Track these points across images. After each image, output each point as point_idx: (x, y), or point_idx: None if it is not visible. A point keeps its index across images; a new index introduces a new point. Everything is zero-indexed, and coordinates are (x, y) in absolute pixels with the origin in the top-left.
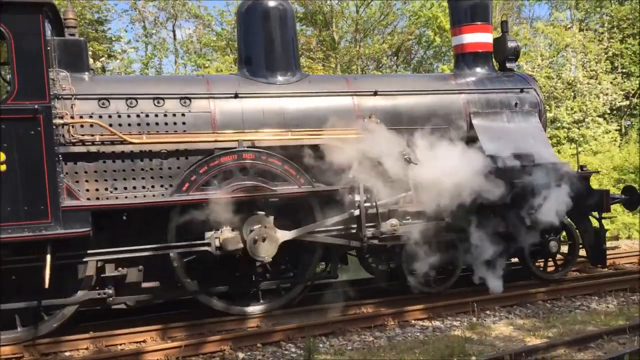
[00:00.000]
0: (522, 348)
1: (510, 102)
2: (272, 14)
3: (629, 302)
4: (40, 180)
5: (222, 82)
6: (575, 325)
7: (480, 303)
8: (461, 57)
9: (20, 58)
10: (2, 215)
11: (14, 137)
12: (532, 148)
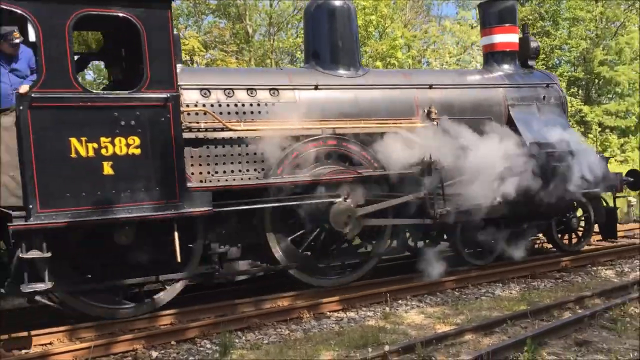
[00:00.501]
0: (432, 335)
1: (539, 96)
2: (339, 12)
3: (530, 288)
4: (169, 164)
5: (301, 75)
6: (482, 311)
7: (393, 293)
8: (491, 55)
9: (152, 50)
10: (138, 195)
11: (147, 123)
12: (563, 136)
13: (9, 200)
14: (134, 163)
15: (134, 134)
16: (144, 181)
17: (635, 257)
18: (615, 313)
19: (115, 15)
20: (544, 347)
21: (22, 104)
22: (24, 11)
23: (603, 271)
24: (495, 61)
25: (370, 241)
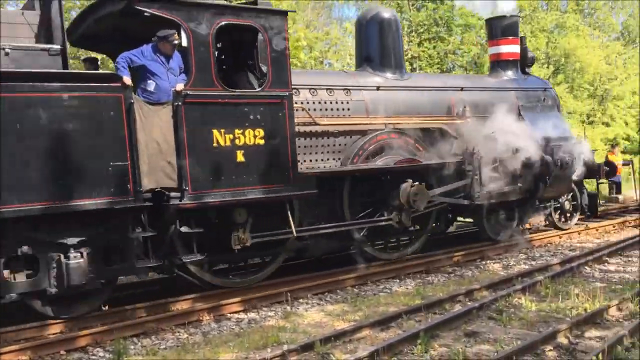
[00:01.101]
0: (331, 333)
1: (540, 98)
2: (388, 23)
3: (424, 283)
4: (285, 152)
5: (365, 77)
6: (379, 307)
7: (294, 292)
8: (497, 63)
9: (273, 54)
10: (262, 179)
11: (269, 117)
12: (565, 132)
13: (166, 182)
14: (259, 151)
15: (259, 127)
16: (266, 167)
17: (520, 252)
18: (501, 304)
19: (245, 25)
20: (436, 339)
21: (178, 100)
22: (179, 19)
23: (491, 265)
24: (501, 68)
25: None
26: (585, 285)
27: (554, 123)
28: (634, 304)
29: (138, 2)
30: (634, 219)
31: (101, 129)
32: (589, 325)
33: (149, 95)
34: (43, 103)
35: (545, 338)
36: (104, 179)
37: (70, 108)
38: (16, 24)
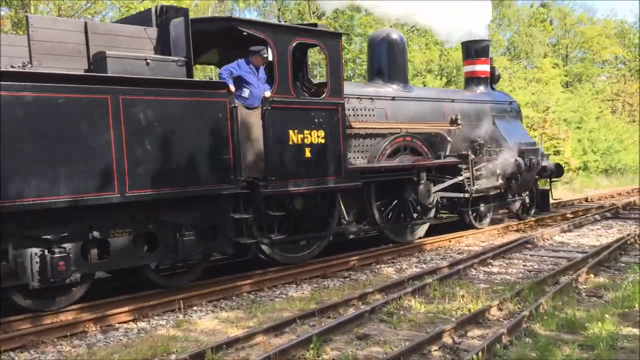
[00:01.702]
0: (223, 340)
1: (507, 109)
2: (396, 43)
3: (320, 288)
4: (338, 150)
5: (383, 88)
6: (274, 312)
7: (188, 300)
8: (471, 80)
9: (331, 67)
10: (322, 172)
11: (327, 121)
12: (527, 138)
13: (257, 173)
14: (320, 149)
15: (321, 128)
16: (325, 163)
17: (413, 255)
18: (392, 307)
19: (311, 44)
20: (329, 343)
21: (266, 105)
22: (266, 37)
23: (385, 269)
24: (474, 84)
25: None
26: (470, 287)
27: (520, 131)
28: (513, 303)
29: (239, 23)
30: (516, 224)
31: (212, 129)
32: (472, 325)
33: (244, 101)
34: (171, 105)
35: (431, 338)
36: (213, 170)
37: (191, 110)
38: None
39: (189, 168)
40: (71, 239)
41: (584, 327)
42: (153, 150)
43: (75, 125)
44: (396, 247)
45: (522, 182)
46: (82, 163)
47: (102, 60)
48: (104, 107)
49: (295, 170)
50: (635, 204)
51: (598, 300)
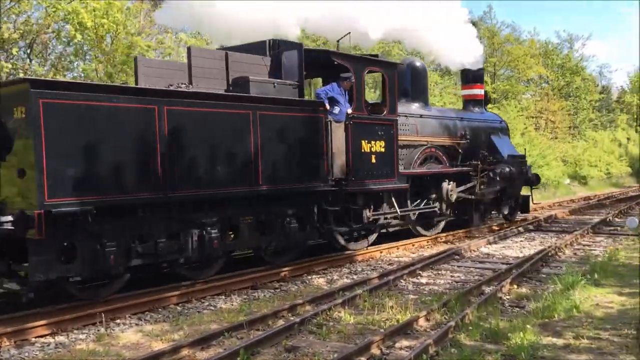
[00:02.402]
0: (146, 354)
1: (498, 127)
2: (420, 69)
3: (250, 299)
4: (393, 157)
5: (411, 106)
6: (202, 325)
7: (111, 312)
8: (469, 102)
9: (390, 91)
10: (383, 175)
11: (386, 133)
12: (515, 151)
13: (340, 174)
14: (382, 156)
15: (382, 139)
16: (385, 167)
17: (344, 266)
18: (322, 318)
19: (376, 71)
20: (257, 356)
21: (348, 120)
22: (349, 66)
23: (316, 279)
24: (472, 105)
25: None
26: (399, 298)
27: (510, 145)
28: (440, 314)
29: (334, 55)
30: (445, 235)
31: (314, 138)
32: (400, 336)
33: (334, 116)
34: (288, 119)
35: (359, 350)
36: (313, 171)
37: (293, 123)
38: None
39: (298, 169)
40: (218, 223)
41: (507, 337)
42: (275, 154)
43: (226, 134)
44: (328, 257)
45: (513, 188)
46: (231, 163)
47: (245, 82)
48: (247, 120)
49: (366, 173)
50: (556, 217)
51: (520, 310)
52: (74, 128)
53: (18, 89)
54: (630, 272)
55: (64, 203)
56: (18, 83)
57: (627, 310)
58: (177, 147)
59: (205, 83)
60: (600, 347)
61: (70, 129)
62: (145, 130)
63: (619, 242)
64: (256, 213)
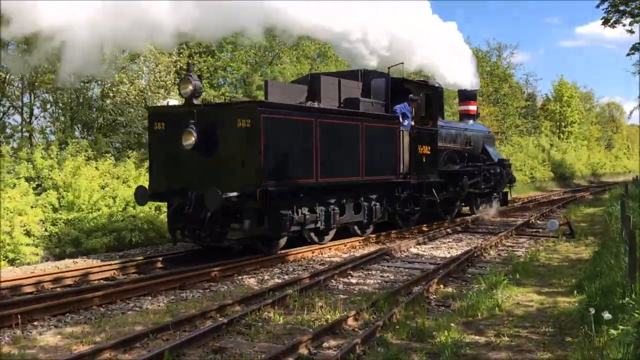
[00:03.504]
0: (65, 357)
1: (488, 136)
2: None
3: (178, 300)
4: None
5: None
6: (126, 326)
7: (28, 314)
8: (465, 115)
9: (435, 108)
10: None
11: (431, 140)
12: (501, 156)
13: (405, 170)
14: (428, 157)
15: (428, 145)
16: (429, 166)
17: (276, 266)
18: (251, 318)
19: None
20: (182, 358)
21: (412, 130)
22: (413, 90)
23: (247, 279)
24: (467, 118)
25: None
26: (329, 298)
27: (497, 151)
28: (369, 314)
29: (406, 82)
30: (376, 236)
31: (392, 143)
32: (329, 336)
33: (404, 127)
34: (377, 129)
35: (287, 350)
36: (390, 167)
37: (382, 132)
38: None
39: (382, 165)
40: (335, 203)
41: (432, 336)
42: (371, 153)
43: (346, 139)
44: (259, 258)
45: (501, 185)
46: (348, 159)
47: (357, 102)
48: (357, 129)
49: (420, 169)
50: (483, 219)
51: (446, 309)
52: (275, 134)
53: (245, 107)
54: (549, 272)
55: (270, 185)
56: (247, 103)
57: (546, 309)
58: (322, 148)
59: (329, 103)
60: (520, 345)
61: (274, 135)
62: (307, 135)
63: (540, 243)
64: (355, 196)
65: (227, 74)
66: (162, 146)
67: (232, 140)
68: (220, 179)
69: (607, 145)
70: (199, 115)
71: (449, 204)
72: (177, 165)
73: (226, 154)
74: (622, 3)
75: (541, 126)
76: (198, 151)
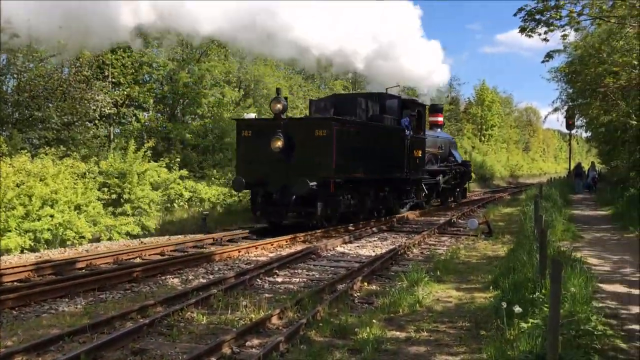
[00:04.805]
0: None
1: (452, 142)
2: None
3: (97, 301)
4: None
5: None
6: (40, 330)
7: None
8: (435, 125)
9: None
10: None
11: (421, 145)
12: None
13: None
14: (419, 159)
15: (419, 149)
16: (421, 165)
17: (201, 266)
18: (173, 319)
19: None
20: None
21: (411, 137)
22: (411, 106)
23: (171, 280)
24: (437, 127)
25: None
26: (254, 297)
27: (458, 154)
28: (293, 312)
29: (405, 101)
30: (304, 235)
31: (399, 147)
32: (252, 335)
33: (407, 136)
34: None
35: (210, 350)
36: (397, 166)
37: (384, 138)
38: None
39: (393, 165)
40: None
41: (355, 332)
42: (386, 156)
43: (378, 145)
44: (183, 257)
45: (463, 182)
46: (371, 160)
47: (382, 117)
48: (384, 138)
49: (414, 169)
50: (408, 218)
51: (369, 306)
52: (342, 140)
53: (322, 121)
54: (468, 269)
55: (338, 177)
56: (324, 119)
57: (464, 304)
58: (366, 151)
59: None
60: (438, 339)
61: (342, 141)
62: (358, 142)
63: (461, 241)
64: (374, 189)
65: (152, 70)
66: (249, 147)
67: (309, 144)
68: (300, 173)
69: (525, 148)
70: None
71: (430, 196)
72: (261, 163)
73: (302, 155)
74: (537, 12)
75: (464, 129)
76: (282, 153)
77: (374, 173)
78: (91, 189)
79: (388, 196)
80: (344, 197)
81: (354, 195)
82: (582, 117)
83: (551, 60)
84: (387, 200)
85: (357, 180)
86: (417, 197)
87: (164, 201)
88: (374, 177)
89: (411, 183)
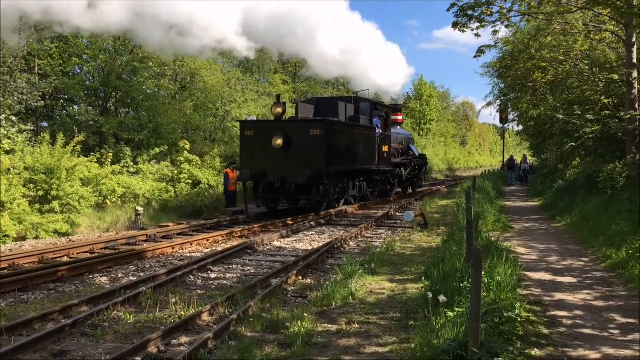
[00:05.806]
0: None
1: (411, 138)
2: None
3: (17, 302)
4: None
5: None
6: None
7: None
8: (395, 123)
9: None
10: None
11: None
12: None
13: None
14: (387, 154)
15: (387, 144)
16: (387, 158)
17: (132, 263)
18: (98, 319)
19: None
20: None
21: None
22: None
23: (99, 278)
24: (397, 125)
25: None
26: (185, 294)
27: (416, 148)
28: (224, 308)
29: (378, 105)
30: (241, 230)
31: (368, 144)
32: (181, 332)
33: (377, 134)
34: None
35: (134, 349)
36: (370, 159)
37: (361, 136)
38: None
39: (367, 158)
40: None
41: (286, 327)
42: (362, 151)
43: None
44: (114, 255)
45: (420, 173)
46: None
47: (358, 118)
48: (355, 134)
49: (384, 161)
50: (346, 211)
51: (302, 300)
52: (331, 138)
53: (315, 123)
54: (402, 261)
55: (330, 169)
56: (317, 121)
57: (396, 296)
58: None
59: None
60: (368, 331)
61: (331, 138)
62: (343, 140)
63: (397, 234)
64: (353, 179)
65: (82, 62)
66: (251, 145)
67: (304, 142)
68: (297, 166)
69: (462, 142)
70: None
71: (393, 185)
72: (262, 158)
73: (298, 151)
74: (469, 8)
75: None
76: (282, 149)
77: (355, 165)
78: (16, 186)
79: (362, 185)
80: (332, 186)
81: (339, 184)
82: (514, 111)
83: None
84: (362, 189)
85: (342, 172)
86: (383, 186)
87: (95, 197)
88: (355, 169)
89: (381, 174)
